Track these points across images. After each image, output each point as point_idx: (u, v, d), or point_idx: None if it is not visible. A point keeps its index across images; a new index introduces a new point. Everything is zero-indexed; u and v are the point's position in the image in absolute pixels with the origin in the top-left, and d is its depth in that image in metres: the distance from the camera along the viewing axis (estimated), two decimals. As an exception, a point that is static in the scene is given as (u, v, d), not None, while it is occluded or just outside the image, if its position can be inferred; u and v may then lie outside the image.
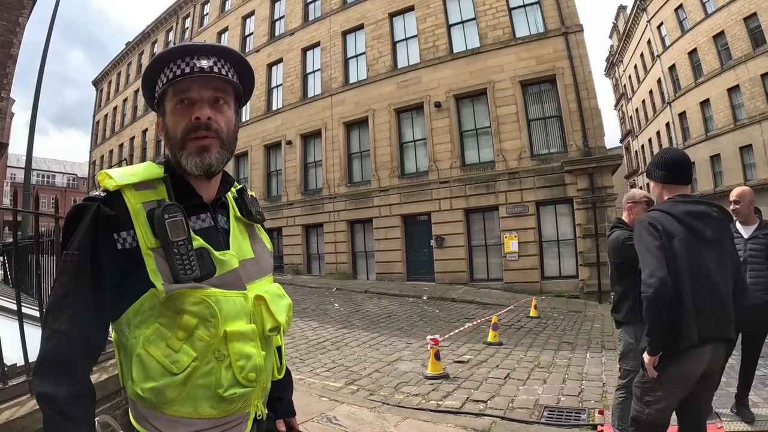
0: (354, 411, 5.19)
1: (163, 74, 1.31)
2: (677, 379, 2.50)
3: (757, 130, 28.90)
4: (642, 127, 45.62)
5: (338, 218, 21.21)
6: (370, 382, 6.65)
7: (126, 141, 38.44)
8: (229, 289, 1.26)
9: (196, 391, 1.20)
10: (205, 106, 1.28)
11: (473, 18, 19.34)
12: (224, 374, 1.21)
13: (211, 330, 1.20)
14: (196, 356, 1.19)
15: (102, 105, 44.83)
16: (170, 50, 1.31)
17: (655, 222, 2.54)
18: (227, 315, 1.23)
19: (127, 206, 1.20)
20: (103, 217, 1.18)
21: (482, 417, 5.20)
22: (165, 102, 1.31)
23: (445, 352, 7.90)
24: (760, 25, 28.46)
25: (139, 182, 1.24)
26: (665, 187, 2.74)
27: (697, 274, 2.46)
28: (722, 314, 2.49)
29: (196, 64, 1.28)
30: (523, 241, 16.89)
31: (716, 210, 2.59)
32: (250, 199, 1.48)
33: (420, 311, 13.16)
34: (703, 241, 2.49)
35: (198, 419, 1.21)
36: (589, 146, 16.47)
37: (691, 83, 34.22)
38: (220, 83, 1.32)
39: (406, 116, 20.44)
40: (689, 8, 33.65)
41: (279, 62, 25.10)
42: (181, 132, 1.27)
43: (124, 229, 1.19)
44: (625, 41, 46.57)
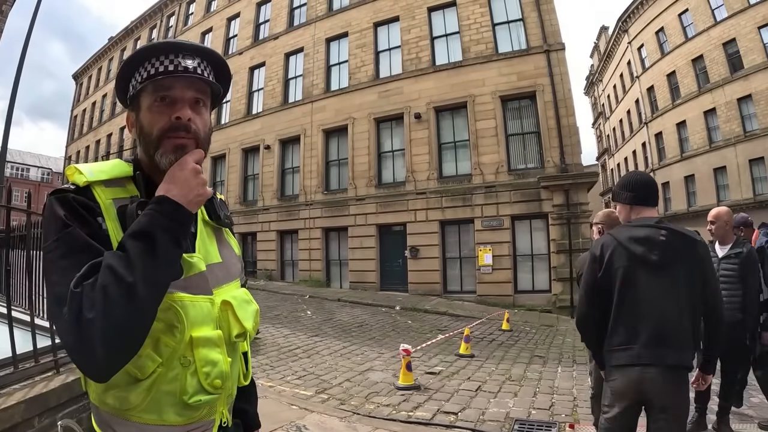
0: (324, 420, 5.22)
1: (143, 69, 1.27)
2: (615, 392, 2.61)
3: (732, 153, 29.67)
4: (618, 146, 46.53)
5: (314, 225, 21.09)
6: (341, 391, 6.62)
7: (103, 137, 37.85)
8: (195, 293, 1.22)
9: (161, 397, 1.16)
10: (186, 107, 1.26)
11: (457, 32, 19.54)
12: (189, 381, 1.18)
13: (177, 336, 1.16)
14: (162, 362, 1.15)
15: (81, 99, 44.18)
16: (155, 45, 1.28)
17: (599, 250, 2.67)
18: (193, 320, 1.19)
19: (97, 201, 1.17)
20: (81, 202, 1.14)
21: (453, 429, 5.23)
22: (141, 98, 1.27)
23: (417, 363, 7.89)
24: (738, 51, 29.36)
25: (108, 179, 1.22)
26: (632, 209, 2.79)
27: (631, 299, 2.54)
28: (658, 340, 2.50)
29: (181, 63, 1.26)
30: (498, 254, 16.99)
31: (664, 233, 2.59)
32: (219, 203, 1.44)
33: (392, 321, 13.11)
34: (645, 267, 2.54)
35: (162, 426, 1.18)
36: (566, 163, 16.70)
37: (669, 104, 35.04)
38: (201, 85, 1.30)
39: (385, 126, 20.48)
40: (670, 31, 34.51)
41: (261, 66, 24.98)
42: (159, 131, 1.24)
43: (100, 216, 1.16)
44: (606, 61, 47.56)
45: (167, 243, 1.08)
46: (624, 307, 2.54)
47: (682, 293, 2.55)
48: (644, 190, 2.78)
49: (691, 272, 2.58)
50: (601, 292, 2.61)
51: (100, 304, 0.97)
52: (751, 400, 6.10)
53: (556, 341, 10.74)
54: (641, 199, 2.76)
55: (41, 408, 2.86)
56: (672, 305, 2.53)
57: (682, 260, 2.57)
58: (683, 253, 2.59)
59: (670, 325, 2.52)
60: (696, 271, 2.60)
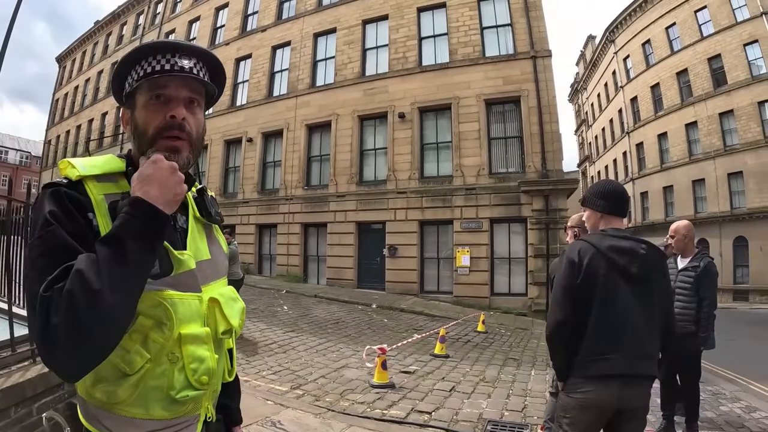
0: (299, 416, 5.24)
1: (140, 67, 1.29)
2: (584, 404, 2.57)
3: (711, 166, 30.19)
4: (600, 154, 47.17)
5: (293, 220, 20.99)
6: (315, 387, 6.63)
7: (84, 123, 37.39)
8: (184, 290, 1.23)
9: (148, 392, 1.17)
10: (181, 106, 1.27)
11: (445, 33, 19.57)
12: (177, 376, 1.20)
13: (165, 332, 1.18)
14: (150, 358, 1.17)
15: (63, 83, 43.53)
16: (152, 44, 1.30)
17: (578, 256, 2.62)
18: (182, 318, 1.21)
19: (89, 196, 1.17)
20: (73, 197, 1.14)
21: (427, 428, 5.24)
22: (137, 96, 1.29)
23: (392, 362, 7.90)
24: (723, 66, 29.93)
25: (101, 174, 1.22)
26: (603, 217, 2.80)
27: (611, 309, 2.53)
28: (636, 350, 2.53)
29: (177, 63, 1.28)
30: (475, 256, 17.05)
31: (644, 247, 2.63)
32: (209, 200, 1.46)
33: (369, 319, 13.10)
34: (625, 278, 2.55)
35: (149, 420, 1.19)
36: (547, 169, 16.80)
37: (651, 116, 35.59)
38: (196, 85, 1.32)
39: (369, 124, 20.45)
40: (656, 44, 35.02)
41: (247, 58, 24.79)
42: (154, 129, 1.25)
43: (90, 211, 1.16)
44: (591, 70, 48.11)
45: (141, 249, 1.07)
46: (604, 316, 2.53)
47: (654, 305, 2.61)
48: (618, 200, 2.81)
49: (660, 285, 2.65)
50: (576, 298, 2.58)
51: (63, 310, 0.95)
52: (721, 408, 6.29)
53: (531, 344, 10.81)
54: (613, 209, 2.79)
55: (18, 398, 2.86)
56: (647, 317, 2.58)
57: (656, 274, 2.63)
58: (657, 267, 2.66)
59: (646, 336, 2.58)
60: (664, 285, 2.69)
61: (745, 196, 28.61)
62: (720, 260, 27.84)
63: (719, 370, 8.94)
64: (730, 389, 7.43)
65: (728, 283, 28.13)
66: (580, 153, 55.93)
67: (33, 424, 3.04)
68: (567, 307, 2.58)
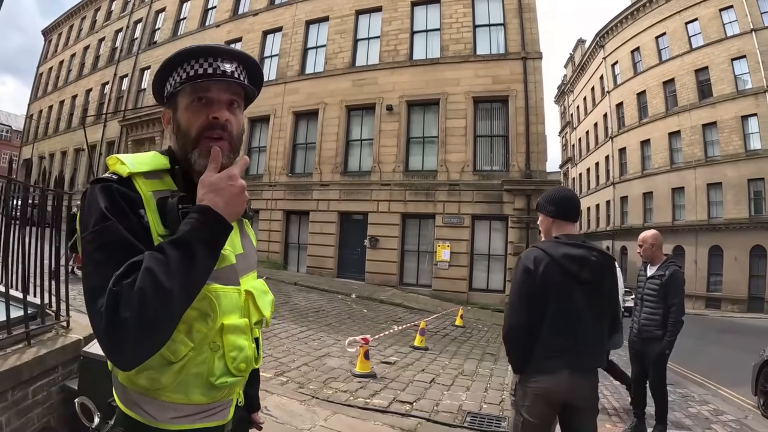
0: (285, 402, 5.26)
1: (182, 70, 1.34)
2: (538, 393, 2.77)
3: (691, 175, 30.69)
4: (582, 157, 47.72)
5: (275, 207, 20.93)
6: (299, 375, 6.64)
7: (68, 98, 36.84)
8: (226, 284, 1.29)
9: (189, 378, 1.23)
10: (223, 108, 1.33)
11: (437, 28, 19.62)
12: (217, 364, 1.26)
13: (209, 323, 1.24)
14: (193, 346, 1.22)
15: (48, 57, 42.75)
16: (196, 48, 1.35)
17: (533, 264, 2.76)
18: (225, 309, 1.27)
19: (139, 192, 1.22)
20: (124, 193, 1.19)
21: (409, 417, 5.32)
22: (179, 97, 1.34)
23: (373, 352, 7.93)
24: (709, 79, 30.41)
25: (148, 171, 1.27)
26: (554, 222, 2.94)
27: (564, 312, 2.71)
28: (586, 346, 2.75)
29: (219, 67, 1.33)
30: (456, 251, 17.19)
31: (596, 254, 2.79)
32: None
33: (348, 309, 13.15)
34: (577, 283, 2.72)
35: (188, 405, 1.26)
36: (531, 169, 16.99)
37: (636, 122, 36.07)
38: (237, 88, 1.37)
39: (356, 114, 20.45)
40: (645, 52, 35.43)
41: (237, 41, 24.35)
42: (197, 129, 1.31)
43: (141, 208, 1.21)
44: (579, 73, 48.58)
45: (207, 255, 1.15)
46: (557, 318, 2.70)
47: (603, 305, 2.81)
48: (568, 206, 2.94)
49: (609, 287, 2.84)
50: (531, 303, 2.74)
51: (135, 306, 1.02)
52: (689, 410, 6.49)
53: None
54: (564, 215, 2.92)
55: (14, 381, 2.87)
56: (596, 316, 2.78)
57: (605, 277, 2.82)
58: (607, 271, 2.83)
59: (595, 333, 2.80)
60: (612, 285, 2.87)
61: (723, 206, 29.20)
62: (695, 268, 28.43)
63: (689, 373, 9.17)
64: (699, 392, 7.65)
65: (701, 291, 28.73)
66: (563, 154, 56.48)
67: (28, 407, 3.04)
68: (522, 311, 2.75)
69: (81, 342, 3.50)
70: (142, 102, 29.00)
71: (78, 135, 34.18)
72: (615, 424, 5.73)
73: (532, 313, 2.73)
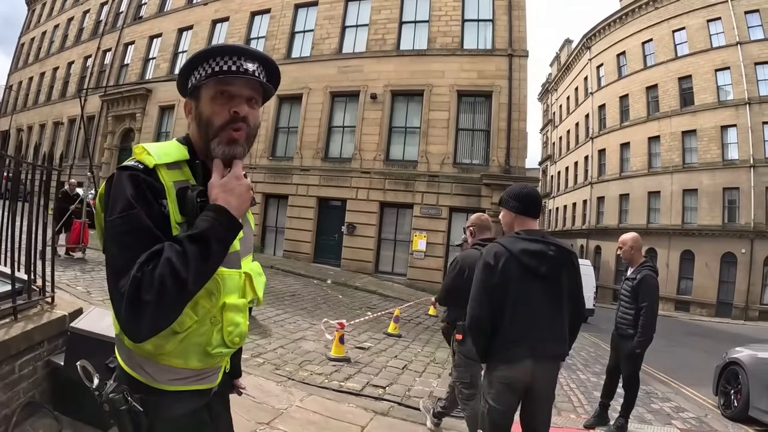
0: (261, 383, 5.37)
1: (207, 65, 1.47)
2: (503, 381, 2.91)
3: (668, 180, 31.19)
4: (562, 155, 48.16)
5: (255, 189, 20.50)
6: (275, 357, 6.75)
7: (49, 70, 36.10)
8: (230, 267, 1.46)
9: (189, 347, 1.41)
10: (243, 103, 1.47)
11: (426, 20, 19.63)
12: (215, 336, 1.44)
13: (213, 301, 1.41)
14: (197, 320, 1.39)
15: (31, 27, 41.70)
16: (222, 47, 1.50)
17: (493, 259, 2.89)
18: (228, 290, 1.45)
19: (162, 183, 1.36)
20: (149, 183, 1.33)
21: (382, 401, 5.47)
22: (202, 90, 1.48)
23: (347, 338, 8.04)
24: (692, 87, 30.86)
25: (171, 162, 1.41)
26: (516, 218, 3.07)
27: (523, 304, 2.85)
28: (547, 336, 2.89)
29: (242, 65, 1.47)
30: (432, 242, 17.34)
31: (553, 249, 2.92)
32: None
33: (324, 294, 13.22)
34: (535, 276, 2.86)
35: (185, 369, 1.44)
36: (510, 165, 17.17)
37: (617, 125, 36.50)
38: (257, 85, 1.51)
39: (340, 101, 20.41)
40: (631, 57, 35.79)
41: (225, 20, 24.23)
42: (220, 121, 1.44)
43: (164, 198, 1.35)
44: (564, 73, 48.90)
45: (220, 250, 1.31)
46: (517, 310, 2.84)
47: (563, 297, 2.94)
48: (530, 203, 3.08)
49: (569, 279, 2.96)
50: (492, 296, 2.86)
51: (156, 290, 1.18)
52: (652, 406, 6.74)
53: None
54: (526, 210, 3.06)
55: (3, 355, 2.91)
56: (556, 308, 2.93)
57: (564, 270, 2.95)
58: (565, 264, 2.96)
59: (555, 324, 2.93)
60: (572, 278, 2.99)
61: (697, 213, 29.77)
62: (666, 271, 28.90)
63: (655, 372, 9.41)
64: (663, 390, 7.91)
65: (672, 293, 29.27)
66: (543, 151, 56.94)
67: (15, 381, 3.07)
68: (484, 304, 2.89)
69: (66, 318, 3.53)
70: (124, 78, 28.43)
71: (56, 108, 33.66)
72: (579, 416, 5.90)
73: (492, 306, 2.86)
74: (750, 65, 28.09)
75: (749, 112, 27.80)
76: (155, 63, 26.85)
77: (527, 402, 2.97)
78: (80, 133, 28.72)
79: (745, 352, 6.99)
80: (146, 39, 27.87)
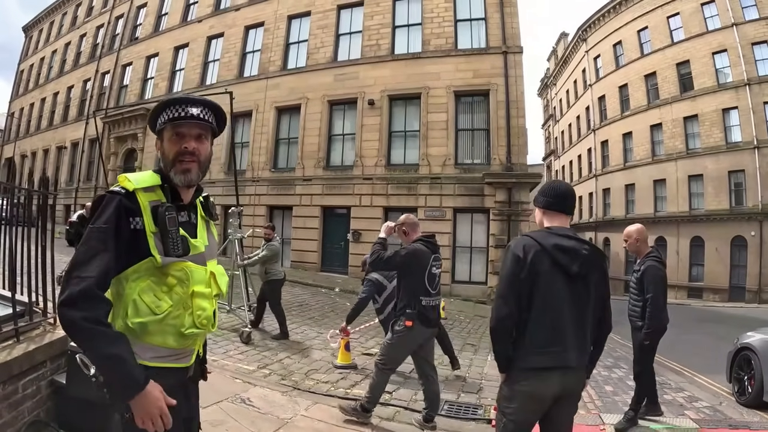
0: (267, 394, 5.42)
1: (165, 114, 1.90)
2: (527, 395, 2.69)
3: (672, 167, 30.96)
4: (565, 149, 47.94)
5: (259, 202, 20.91)
6: (281, 367, 6.75)
7: (49, 96, 36.37)
8: (197, 264, 1.90)
9: (167, 328, 1.79)
10: (191, 140, 1.89)
11: (419, 23, 19.65)
12: (187, 319, 1.83)
13: (185, 288, 1.82)
14: (172, 304, 1.79)
15: (29, 54, 42.10)
16: (173, 99, 1.92)
17: (523, 252, 2.69)
18: (196, 280, 1.86)
19: (139, 202, 1.77)
20: (125, 205, 1.75)
21: (387, 406, 5.44)
22: (164, 132, 1.91)
23: (354, 344, 8.02)
24: (690, 72, 30.65)
25: (147, 186, 1.82)
26: (545, 213, 2.90)
27: (551, 305, 2.65)
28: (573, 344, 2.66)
29: (189, 111, 1.89)
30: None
31: (587, 248, 2.75)
32: (211, 204, 2.14)
33: (332, 303, 13.23)
34: (566, 275, 2.66)
35: (164, 348, 1.81)
36: (512, 162, 17.12)
37: (618, 115, 36.32)
38: (203, 124, 1.93)
39: (338, 109, 20.48)
40: (627, 46, 35.67)
41: (220, 36, 24.36)
42: (174, 155, 1.87)
43: (137, 216, 1.76)
44: (562, 66, 48.78)
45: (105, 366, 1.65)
46: (543, 312, 2.63)
47: (590, 303, 2.72)
48: (557, 197, 2.90)
49: (599, 283, 2.77)
50: (520, 293, 2.66)
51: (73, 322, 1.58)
52: (665, 396, 6.57)
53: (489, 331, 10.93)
54: (552, 205, 2.89)
55: (5, 376, 3.00)
56: (585, 312, 2.71)
57: (595, 272, 2.74)
58: (597, 266, 2.77)
59: (583, 330, 2.71)
60: (601, 282, 2.80)
61: (704, 198, 29.51)
62: (677, 258, 28.71)
63: (667, 362, 9.29)
64: (676, 380, 7.79)
65: (683, 281, 29.05)
66: (546, 147, 56.70)
67: (19, 401, 3.14)
68: (511, 301, 2.67)
69: (68, 338, 3.55)
70: (124, 99, 28.64)
71: (59, 133, 33.90)
72: (590, 411, 5.83)
73: (519, 305, 2.67)
74: (747, 46, 27.83)
75: (749, 93, 27.52)
76: (154, 82, 27.02)
77: (551, 414, 2.75)
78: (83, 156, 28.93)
79: (756, 336, 6.85)
80: (143, 59, 28.06)
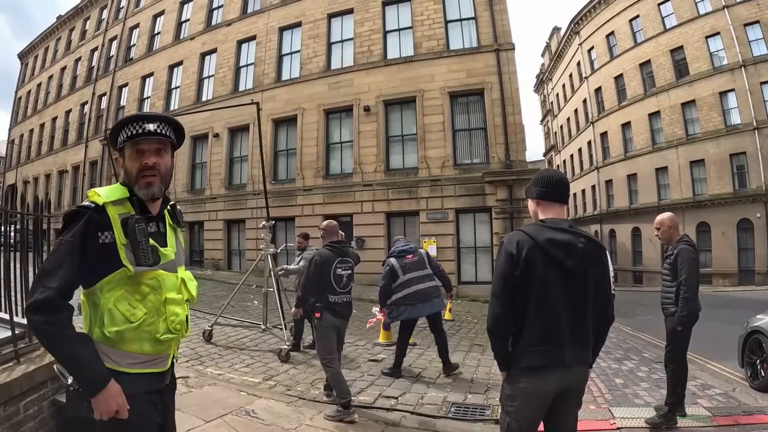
0: (271, 405, 5.36)
1: (124, 132, 1.97)
2: (528, 394, 2.61)
3: (673, 154, 30.85)
4: (565, 143, 47.88)
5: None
6: (287, 378, 6.71)
7: (48, 121, 36.59)
8: (168, 271, 1.97)
9: (143, 334, 1.86)
10: (151, 155, 1.97)
11: (410, 27, 19.71)
12: (162, 325, 1.90)
13: (157, 296, 1.90)
14: (146, 312, 1.86)
15: (26, 80, 42.37)
16: (130, 117, 2.00)
17: (516, 248, 2.58)
18: (168, 287, 1.94)
19: (109, 216, 1.84)
20: (94, 219, 1.82)
21: (393, 411, 5.42)
22: (125, 150, 1.98)
23: (360, 351, 8.00)
24: (685, 58, 30.56)
25: (116, 200, 1.89)
26: (539, 204, 2.78)
27: (547, 302, 2.56)
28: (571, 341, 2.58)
29: (146, 128, 1.96)
30: (442, 246, 17.30)
31: (583, 241, 2.64)
32: (178, 212, 2.18)
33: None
34: (561, 271, 2.56)
35: (141, 354, 1.89)
36: (511, 159, 17.11)
37: (615, 106, 36.26)
38: (161, 139, 2.00)
39: (335, 117, 20.53)
40: (620, 36, 35.63)
41: (213, 52, 24.48)
42: (136, 171, 1.94)
43: (107, 230, 1.83)
44: (557, 61, 48.79)
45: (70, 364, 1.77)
46: (541, 308, 2.55)
47: (589, 296, 2.63)
48: (550, 185, 2.77)
49: (596, 276, 2.65)
50: (515, 291, 2.58)
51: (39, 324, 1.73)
52: None
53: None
54: (546, 195, 2.76)
55: (6, 397, 3.05)
56: (583, 307, 2.62)
57: (592, 267, 2.63)
58: (594, 259, 2.65)
59: (582, 325, 2.62)
60: (600, 275, 2.68)
61: (707, 183, 29.36)
62: (684, 245, 28.52)
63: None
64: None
65: (692, 267, 28.76)
66: (546, 142, 56.67)
67: (21, 421, 3.17)
68: (506, 300, 2.60)
69: None
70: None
71: (59, 157, 34.07)
72: (600, 406, 5.78)
73: (515, 303, 2.59)
74: (740, 27, 27.73)
75: (745, 75, 27.44)
76: (150, 102, 27.08)
77: (554, 410, 2.66)
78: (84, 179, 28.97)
79: (766, 319, 6.81)
80: (139, 79, 28.17)
